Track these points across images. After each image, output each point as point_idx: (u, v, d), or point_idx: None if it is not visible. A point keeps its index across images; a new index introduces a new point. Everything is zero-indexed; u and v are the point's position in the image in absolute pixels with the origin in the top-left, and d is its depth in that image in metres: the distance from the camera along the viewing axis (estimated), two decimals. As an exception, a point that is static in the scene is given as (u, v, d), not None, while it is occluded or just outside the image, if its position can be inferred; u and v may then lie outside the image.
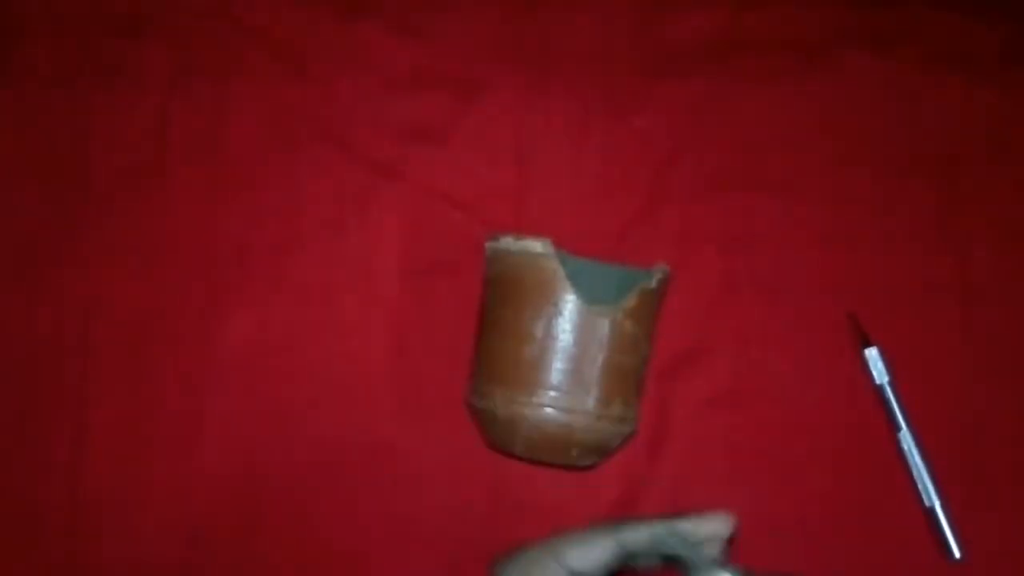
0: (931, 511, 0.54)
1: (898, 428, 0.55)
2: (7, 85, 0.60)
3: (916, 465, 0.55)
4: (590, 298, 0.50)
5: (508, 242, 0.51)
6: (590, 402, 0.50)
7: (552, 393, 0.50)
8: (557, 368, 0.50)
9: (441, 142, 0.60)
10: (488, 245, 0.53)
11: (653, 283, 0.52)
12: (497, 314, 0.52)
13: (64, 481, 0.56)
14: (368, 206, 0.59)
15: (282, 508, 0.56)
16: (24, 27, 0.61)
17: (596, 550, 0.44)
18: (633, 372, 0.52)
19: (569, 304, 0.50)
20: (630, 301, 0.51)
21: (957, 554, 0.54)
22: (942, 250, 0.58)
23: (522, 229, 0.53)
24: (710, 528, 0.44)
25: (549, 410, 0.50)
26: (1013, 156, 0.60)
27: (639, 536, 0.44)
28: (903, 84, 0.61)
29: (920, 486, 0.54)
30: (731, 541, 0.46)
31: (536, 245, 0.51)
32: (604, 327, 0.50)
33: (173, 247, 0.58)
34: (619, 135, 0.60)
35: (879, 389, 0.56)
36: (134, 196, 0.59)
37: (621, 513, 0.56)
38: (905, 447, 0.55)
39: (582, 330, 0.50)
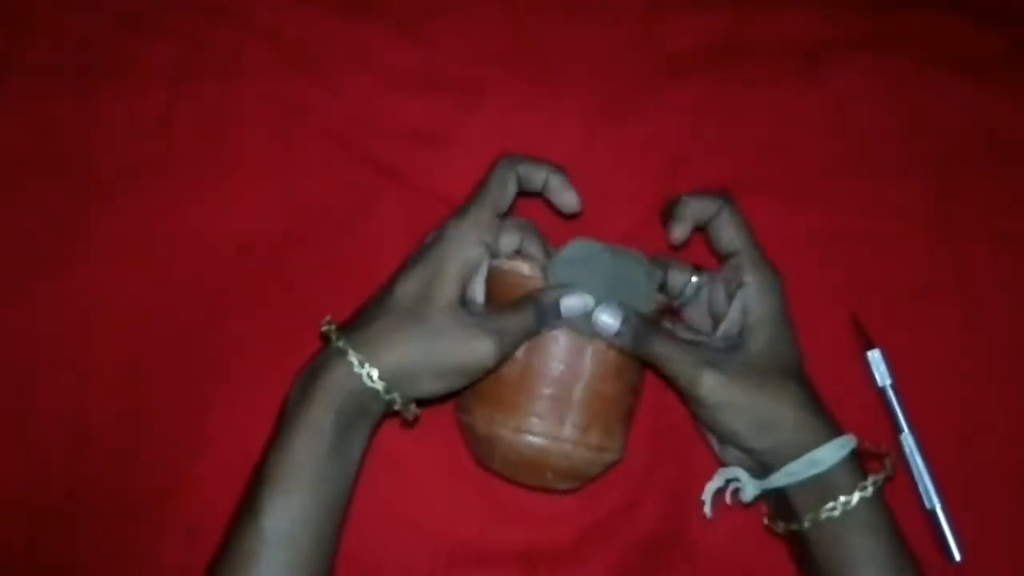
0: (932, 513, 0.54)
1: (900, 430, 0.55)
2: (12, 80, 0.60)
3: (917, 467, 0.55)
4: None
5: (499, 261, 0.52)
6: (566, 430, 0.50)
7: (530, 417, 0.50)
8: (536, 392, 0.50)
9: (444, 144, 0.60)
10: None
11: (646, 312, 0.51)
12: None
13: (63, 475, 0.56)
14: (371, 206, 0.59)
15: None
16: (29, 23, 0.61)
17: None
18: (616, 401, 0.52)
19: (553, 329, 0.50)
20: None
21: (957, 556, 0.54)
22: (943, 253, 0.59)
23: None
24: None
25: (525, 434, 0.50)
26: (1014, 159, 0.60)
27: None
28: (905, 87, 0.61)
29: (921, 488, 0.55)
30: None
31: (524, 267, 0.51)
32: (587, 355, 0.50)
33: (175, 244, 0.58)
34: (622, 139, 0.61)
35: (881, 391, 0.56)
36: (137, 193, 0.59)
37: (620, 519, 0.56)
38: (907, 449, 0.55)
39: (564, 356, 0.50)
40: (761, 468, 0.50)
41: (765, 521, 0.51)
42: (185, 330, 0.57)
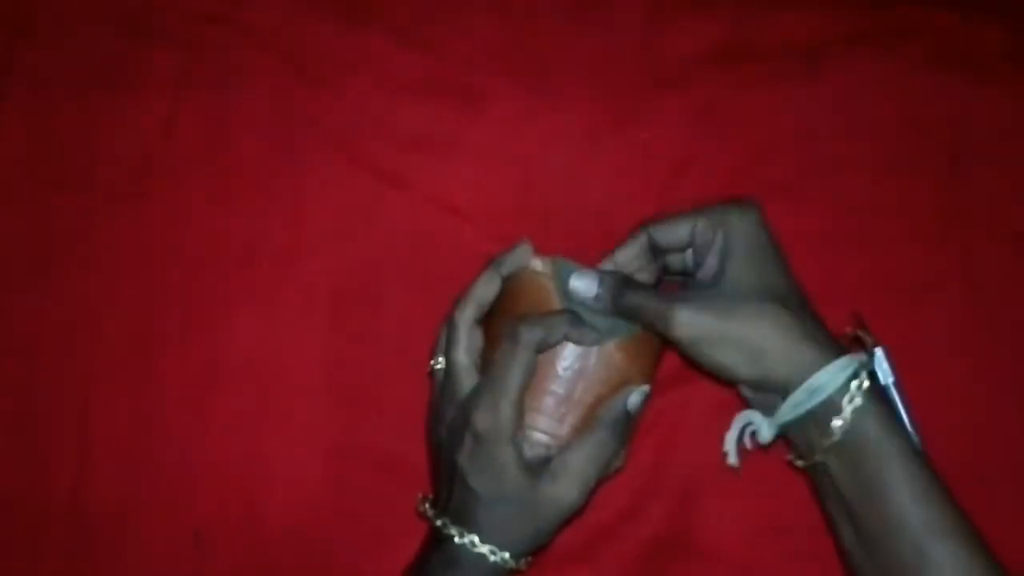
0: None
1: (903, 429, 0.55)
2: (14, 89, 0.61)
3: (921, 466, 0.54)
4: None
5: None
6: (564, 429, 0.50)
7: (535, 413, 0.50)
8: (542, 388, 0.50)
9: (446, 151, 0.61)
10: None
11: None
12: (492, 326, 0.52)
13: (68, 479, 0.56)
14: (373, 214, 0.60)
15: (284, 509, 0.56)
16: (31, 31, 0.62)
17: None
18: None
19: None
20: (627, 335, 0.50)
21: (961, 556, 0.54)
22: (947, 251, 0.58)
23: (527, 240, 0.53)
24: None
25: (531, 430, 0.50)
26: (1016, 156, 0.60)
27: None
28: (906, 85, 0.61)
29: (924, 487, 0.54)
30: None
31: (537, 263, 0.51)
32: (592, 357, 0.50)
33: (178, 251, 0.59)
34: (625, 144, 0.61)
35: (884, 390, 0.56)
36: (139, 200, 0.60)
37: (627, 522, 0.56)
38: (910, 448, 0.55)
39: (571, 355, 0.50)
40: (773, 403, 0.48)
41: (788, 458, 0.50)
42: (188, 335, 0.58)
